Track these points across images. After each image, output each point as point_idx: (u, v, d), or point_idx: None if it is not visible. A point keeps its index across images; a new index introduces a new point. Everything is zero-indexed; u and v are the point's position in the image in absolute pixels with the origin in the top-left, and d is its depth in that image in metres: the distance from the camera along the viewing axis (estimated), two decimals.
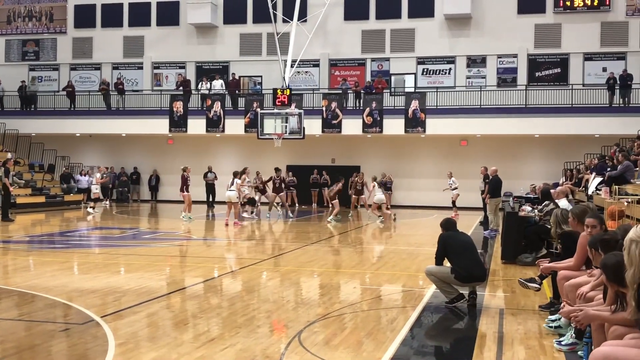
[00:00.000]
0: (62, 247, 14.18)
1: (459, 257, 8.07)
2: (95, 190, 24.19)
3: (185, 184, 21.31)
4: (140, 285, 9.31)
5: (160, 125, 28.90)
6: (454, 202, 23.14)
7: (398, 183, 28.85)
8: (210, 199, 27.98)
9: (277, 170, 23.27)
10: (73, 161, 31.11)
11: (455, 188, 23.09)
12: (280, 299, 8.69)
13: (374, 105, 27.09)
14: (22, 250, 13.55)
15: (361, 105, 27.72)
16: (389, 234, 18.85)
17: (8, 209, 20.55)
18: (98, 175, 24.50)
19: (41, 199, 25.85)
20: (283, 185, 23.36)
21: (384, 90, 27.90)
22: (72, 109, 30.44)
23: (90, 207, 23.29)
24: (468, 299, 8.19)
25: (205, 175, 28.41)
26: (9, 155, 27.38)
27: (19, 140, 29.58)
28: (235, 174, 19.75)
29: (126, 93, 30.47)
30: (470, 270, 8.00)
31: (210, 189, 28.02)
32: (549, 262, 7.32)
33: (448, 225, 8.40)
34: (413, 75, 29.43)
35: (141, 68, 31.91)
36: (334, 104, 27.45)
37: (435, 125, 26.61)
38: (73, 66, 32.72)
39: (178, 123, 28.73)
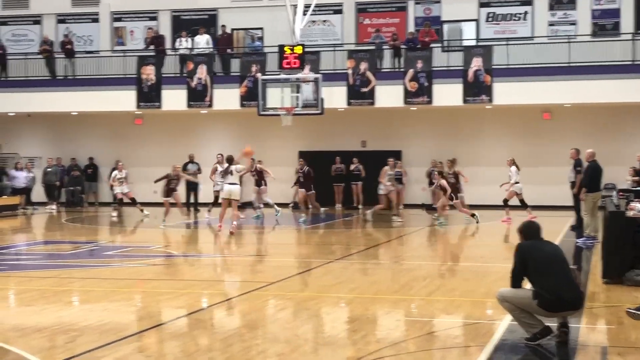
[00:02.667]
0: None
1: (543, 275, 8.05)
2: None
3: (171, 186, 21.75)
4: (102, 321, 9.39)
5: (124, 100, 29.06)
6: (522, 201, 23.01)
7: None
8: (192, 199, 28.10)
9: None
10: (6, 151, 31.40)
11: (516, 183, 22.91)
12: (294, 337, 8.71)
13: (419, 65, 27.02)
14: None
15: (402, 66, 27.65)
16: (444, 245, 18.81)
17: None
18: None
19: None
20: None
21: (434, 45, 27.80)
22: (3, 78, 30.71)
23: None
24: (557, 333, 8.17)
25: (184, 167, 28.55)
26: None
27: None
28: (230, 160, 19.80)
29: (77, 56, 30.65)
30: (559, 294, 7.98)
31: (192, 185, 28.13)
32: None
33: (529, 232, 8.37)
34: (474, 23, 29.24)
35: (97, 20, 32.09)
36: (363, 65, 27.42)
37: (505, 92, 26.48)
38: (3, 20, 33.00)
39: (149, 96, 28.90)
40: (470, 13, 29.23)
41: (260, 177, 24.37)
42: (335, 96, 26.90)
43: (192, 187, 28.01)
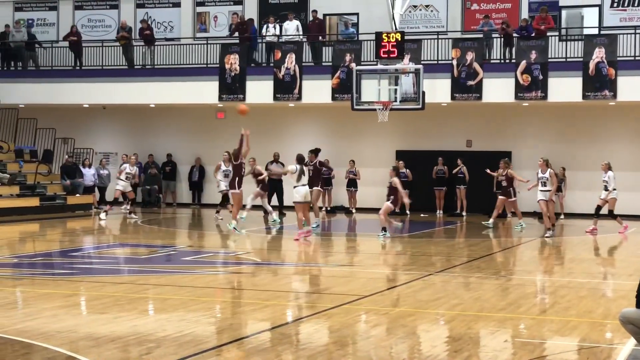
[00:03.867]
0: (65, 273, 14.75)
1: None
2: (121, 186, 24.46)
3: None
4: (180, 331, 9.58)
5: (206, 91, 29.49)
6: (611, 212, 22.54)
7: (572, 178, 28.30)
8: (278, 202, 28.37)
9: (315, 152, 23.50)
10: (79, 145, 32.16)
11: (614, 189, 22.42)
12: (389, 356, 8.72)
13: (533, 56, 26.71)
14: (7, 277, 14.17)
15: (513, 56, 27.39)
16: (557, 259, 18.55)
17: None
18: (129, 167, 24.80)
19: (34, 202, 26.98)
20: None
21: (550, 33, 27.44)
22: (77, 67, 31.52)
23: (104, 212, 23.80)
24: None
25: (267, 167, 28.81)
26: None
27: (1, 114, 30.90)
28: (302, 159, 19.86)
29: (156, 43, 31.22)
30: None
31: (276, 186, 28.40)
32: None
33: None
34: (596, 9, 28.75)
35: (178, 5, 32.64)
36: (470, 56, 27.24)
37: (632, 87, 26.00)
38: (78, 4, 33.84)
39: (232, 87, 29.26)
40: None
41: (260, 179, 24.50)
42: (437, 90, 26.79)
43: (275, 187, 28.24)
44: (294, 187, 20.03)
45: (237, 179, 21.73)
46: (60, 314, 10.60)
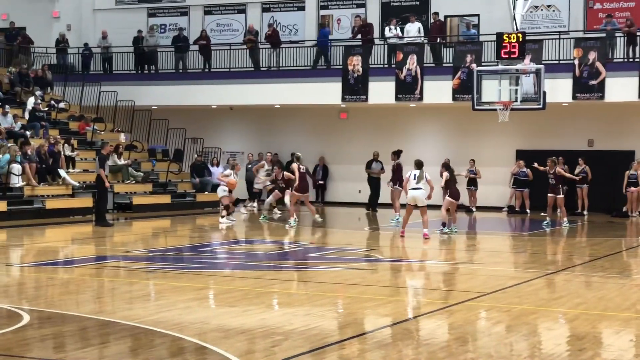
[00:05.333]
0: (196, 267, 15.10)
1: None
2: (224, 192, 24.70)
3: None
4: (307, 325, 9.68)
5: (329, 92, 29.66)
6: None
7: None
8: (373, 199, 28.52)
9: (396, 153, 23.91)
10: (208, 145, 32.81)
11: None
12: (511, 354, 8.63)
13: None
14: (141, 270, 14.60)
15: (637, 55, 26.68)
16: None
17: (105, 210, 22.30)
18: (228, 172, 25.05)
19: (165, 199, 27.68)
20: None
21: None
22: (206, 70, 32.16)
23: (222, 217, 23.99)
24: None
25: (368, 166, 28.86)
26: (122, 136, 29.71)
27: (135, 115, 31.80)
28: (420, 164, 19.65)
29: (282, 46, 31.56)
30: None
31: (375, 185, 28.53)
32: None
33: None
34: None
35: (302, 9, 32.93)
36: (592, 55, 26.68)
37: None
38: (208, 8, 34.52)
39: (355, 88, 29.35)
40: None
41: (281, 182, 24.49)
42: (559, 89, 26.35)
43: (374, 185, 28.40)
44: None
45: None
46: (193, 306, 10.86)
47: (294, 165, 22.80)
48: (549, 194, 23.37)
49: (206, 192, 29.12)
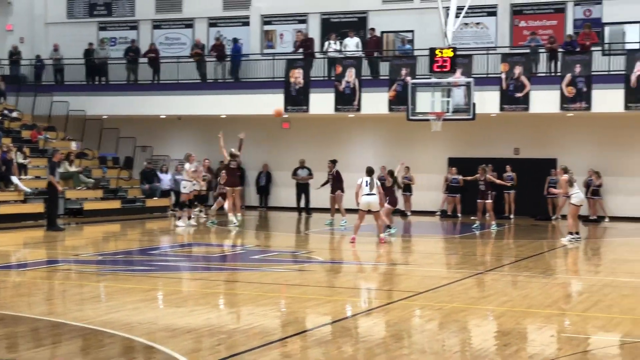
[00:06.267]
0: (145, 269, 14.94)
1: None
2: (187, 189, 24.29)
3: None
4: (250, 324, 9.66)
5: (272, 103, 29.50)
6: None
7: (613, 184, 27.87)
8: (303, 204, 28.67)
9: (333, 162, 24.60)
10: (157, 153, 32.56)
11: None
12: (442, 349, 8.69)
13: (577, 70, 26.36)
14: (92, 273, 14.43)
15: (559, 70, 27.06)
16: (600, 259, 18.30)
17: (56, 215, 22.01)
18: (189, 166, 24.63)
19: (116, 204, 27.38)
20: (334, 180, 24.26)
21: (594, 48, 27.06)
22: (155, 81, 31.92)
23: (179, 217, 23.84)
24: None
25: (294, 173, 28.93)
26: (73, 145, 29.31)
27: (87, 125, 31.39)
28: (371, 171, 19.75)
29: (227, 59, 31.48)
30: None
31: (303, 190, 28.74)
32: None
33: None
34: (638, 25, 28.28)
35: (247, 24, 32.85)
36: (518, 70, 26.99)
37: None
38: (156, 23, 34.27)
39: (297, 99, 29.37)
40: (634, 14, 28.25)
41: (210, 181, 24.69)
42: (487, 101, 26.59)
43: (302, 190, 28.60)
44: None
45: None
46: (141, 307, 10.76)
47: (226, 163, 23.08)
48: (478, 200, 23.63)
49: (155, 198, 28.95)
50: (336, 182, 24.50)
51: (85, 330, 9.23)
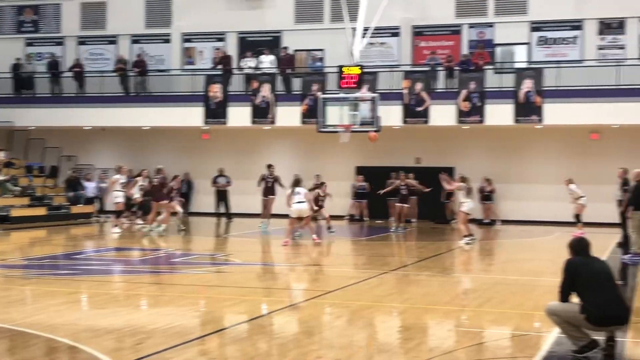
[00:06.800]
0: (69, 273, 14.61)
1: (591, 291, 7.94)
2: (119, 198, 23.86)
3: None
4: (169, 324, 9.51)
5: (192, 116, 29.38)
6: (577, 216, 22.82)
7: (504, 190, 28.46)
8: (224, 210, 28.58)
9: (269, 166, 24.47)
10: (82, 162, 31.95)
11: (581, 197, 22.77)
12: (350, 344, 8.71)
13: (472, 86, 26.84)
14: (18, 277, 14.01)
15: (455, 86, 27.51)
16: (494, 259, 18.65)
17: None
18: (118, 177, 24.14)
19: (41, 211, 26.69)
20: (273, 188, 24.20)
21: (487, 67, 27.60)
22: (80, 94, 31.32)
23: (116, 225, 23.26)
24: (604, 347, 8.04)
25: (214, 181, 28.79)
26: (1, 154, 28.49)
27: (14, 135, 30.58)
28: (298, 182, 19.83)
29: (149, 74, 31.12)
30: (606, 309, 7.87)
31: (222, 197, 28.67)
32: None
33: (579, 248, 8.26)
34: (525, 46, 28.99)
35: (168, 41, 32.55)
36: (418, 86, 27.34)
37: (555, 113, 26.15)
38: (82, 39, 33.65)
39: (216, 112, 29.17)
40: (522, 37, 28.96)
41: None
42: (391, 115, 26.83)
43: (221, 197, 28.47)
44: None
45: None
46: (64, 309, 10.50)
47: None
48: (397, 204, 23.86)
49: (80, 205, 28.37)
50: (273, 186, 24.37)
51: (11, 332, 8.96)
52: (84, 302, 11.57)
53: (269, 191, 24.50)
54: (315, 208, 21.77)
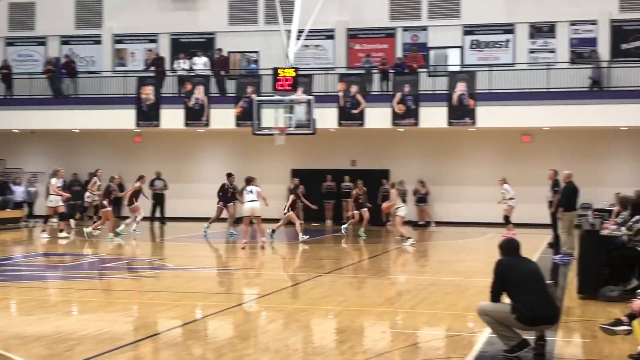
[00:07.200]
0: None
1: (522, 291, 8.08)
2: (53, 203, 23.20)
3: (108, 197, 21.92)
4: (100, 330, 9.38)
5: (124, 118, 29.07)
6: (507, 217, 23.23)
7: (438, 192, 28.81)
8: (159, 214, 28.36)
9: (229, 175, 24.37)
10: (10, 166, 31.31)
11: (511, 198, 23.20)
12: (284, 347, 8.71)
13: (407, 89, 27.11)
14: None
15: (390, 89, 27.76)
16: (427, 261, 18.85)
17: None
18: (55, 181, 23.58)
19: None
20: (229, 195, 24.07)
21: (421, 70, 27.92)
22: (8, 96, 30.69)
23: (61, 230, 22.73)
24: (534, 346, 8.19)
25: (151, 184, 28.57)
26: None
27: None
28: (250, 180, 19.79)
29: (79, 75, 30.67)
30: (536, 309, 8.01)
31: (159, 200, 28.41)
32: None
33: (509, 249, 8.40)
34: (459, 50, 29.41)
35: (99, 42, 32.13)
36: (354, 88, 27.50)
37: (488, 116, 26.58)
38: (9, 40, 32.99)
39: (148, 115, 28.90)
40: (455, 40, 29.37)
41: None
42: (326, 117, 26.95)
43: (158, 200, 28.23)
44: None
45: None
46: None
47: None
48: (356, 210, 23.95)
49: (8, 210, 27.71)
50: (234, 195, 24.16)
51: None
52: (12, 308, 11.33)
53: (229, 199, 24.18)
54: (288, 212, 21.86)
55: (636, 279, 11.90)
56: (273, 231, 21.28)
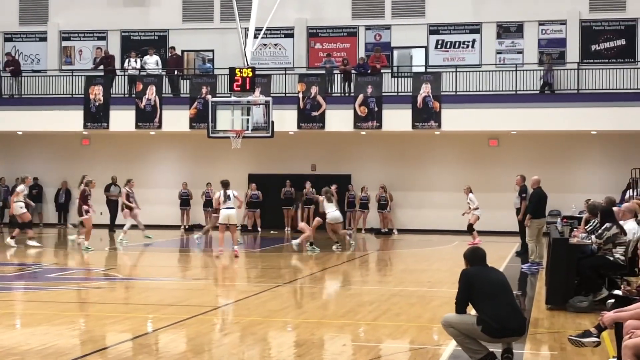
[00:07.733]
0: None
1: (488, 302, 8.14)
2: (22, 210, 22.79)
3: (86, 203, 21.44)
4: (44, 344, 9.27)
5: (71, 119, 28.79)
6: (471, 226, 23.37)
7: (402, 198, 28.95)
8: (109, 221, 28.20)
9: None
10: None
11: (477, 208, 23.34)
12: None
13: (369, 90, 27.21)
14: None
15: (352, 90, 27.85)
16: (391, 270, 18.91)
17: None
18: (22, 187, 23.07)
19: None
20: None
21: (384, 70, 28.05)
22: None
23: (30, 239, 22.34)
24: (501, 359, 8.25)
25: (107, 189, 28.38)
26: None
27: None
28: (227, 184, 19.69)
29: (23, 74, 30.33)
30: (503, 321, 8.07)
31: (114, 207, 28.17)
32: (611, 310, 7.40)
33: (474, 258, 8.46)
34: (423, 50, 29.60)
35: (44, 39, 31.81)
36: (314, 89, 27.54)
37: (454, 119, 26.77)
38: None
39: (96, 116, 28.66)
40: (419, 40, 29.56)
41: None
42: (285, 119, 26.96)
43: (114, 208, 27.95)
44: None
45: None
46: None
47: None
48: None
49: None
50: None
51: None
52: None
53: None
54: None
55: (606, 289, 12.04)
56: (311, 243, 21.12)
